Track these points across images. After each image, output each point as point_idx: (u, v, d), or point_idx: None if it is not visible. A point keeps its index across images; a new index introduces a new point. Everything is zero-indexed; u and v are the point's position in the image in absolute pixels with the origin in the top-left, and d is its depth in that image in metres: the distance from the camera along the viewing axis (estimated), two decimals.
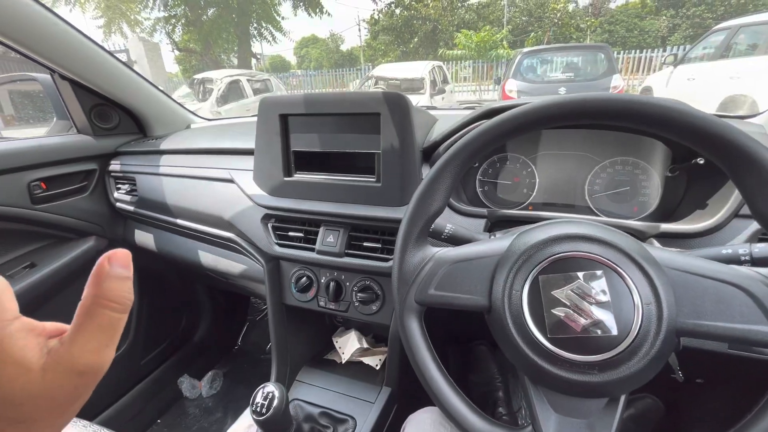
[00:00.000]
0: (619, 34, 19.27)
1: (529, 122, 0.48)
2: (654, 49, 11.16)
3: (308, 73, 17.33)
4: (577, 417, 0.46)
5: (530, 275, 0.47)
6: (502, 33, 15.48)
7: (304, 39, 33.48)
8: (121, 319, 0.26)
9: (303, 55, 32.85)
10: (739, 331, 0.40)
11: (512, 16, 21.02)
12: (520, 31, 20.30)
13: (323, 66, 25.39)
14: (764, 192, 0.39)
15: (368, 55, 24.31)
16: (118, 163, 1.27)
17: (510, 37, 16.92)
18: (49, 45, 1.01)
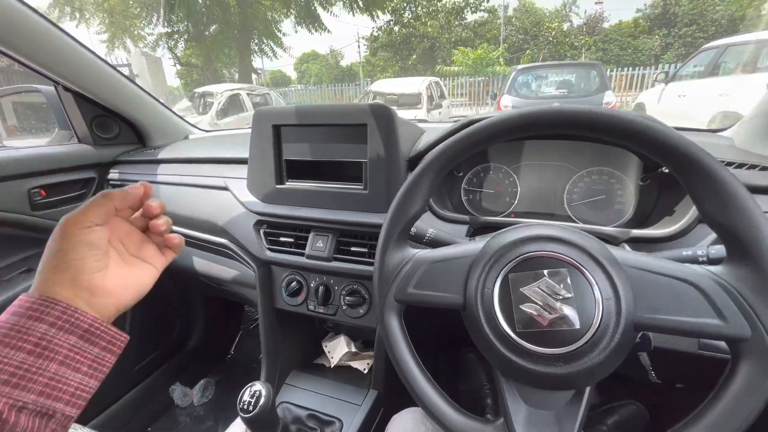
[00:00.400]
0: (613, 53, 19.71)
1: (498, 132, 0.52)
2: (647, 67, 11.41)
3: (308, 88, 17.60)
4: (546, 409, 0.48)
5: (501, 273, 0.49)
6: (499, 50, 15.82)
7: (304, 54, 34.05)
8: None
9: (303, 71, 33.36)
10: (691, 324, 0.42)
11: (508, 34, 21.51)
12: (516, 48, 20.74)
13: (323, 81, 25.77)
14: (710, 196, 0.43)
15: (367, 71, 24.72)
16: (117, 171, 1.30)
17: (506, 55, 17.27)
18: (54, 58, 1.06)
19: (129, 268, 0.43)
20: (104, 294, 0.39)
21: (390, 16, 20.62)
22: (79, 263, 0.37)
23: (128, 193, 0.43)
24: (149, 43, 16.00)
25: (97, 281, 0.38)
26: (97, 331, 0.37)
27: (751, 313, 0.40)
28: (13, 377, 0.32)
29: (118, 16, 14.80)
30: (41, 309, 0.34)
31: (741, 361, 0.41)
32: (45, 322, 0.34)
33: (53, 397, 0.34)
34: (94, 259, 0.39)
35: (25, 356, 0.33)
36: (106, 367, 0.38)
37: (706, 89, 4.72)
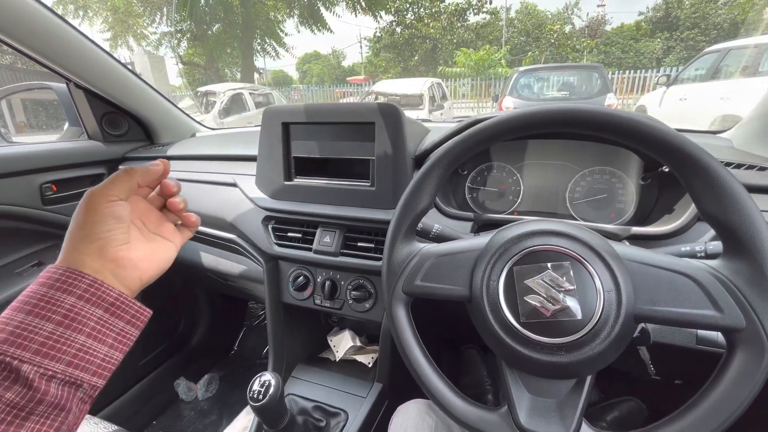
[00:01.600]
0: (615, 55, 19.73)
1: (504, 130, 0.54)
2: (649, 70, 11.41)
3: (310, 88, 17.63)
4: (548, 397, 0.50)
5: (506, 266, 0.51)
6: (501, 52, 15.85)
7: (306, 55, 34.12)
8: None
9: (305, 71, 33.42)
10: (688, 315, 0.44)
11: (510, 36, 21.52)
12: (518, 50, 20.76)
13: (325, 81, 25.80)
14: (707, 193, 0.44)
15: (369, 72, 24.75)
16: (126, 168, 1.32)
17: (508, 56, 17.29)
18: (67, 55, 1.08)
19: (150, 244, 0.45)
20: (129, 266, 0.40)
21: (393, 16, 20.69)
22: (106, 235, 0.39)
23: (149, 169, 0.44)
24: (152, 41, 16.07)
25: (122, 253, 0.40)
26: (123, 305, 0.39)
27: (745, 304, 0.42)
28: (43, 347, 0.33)
29: (121, 14, 14.84)
30: (69, 281, 0.35)
31: (735, 350, 0.42)
32: (73, 294, 0.35)
33: (81, 368, 0.35)
34: (120, 232, 0.40)
35: (54, 327, 0.34)
36: (130, 340, 0.39)
37: (708, 92, 4.73)
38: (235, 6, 15.05)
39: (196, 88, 9.70)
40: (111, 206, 0.40)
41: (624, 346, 0.48)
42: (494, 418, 0.51)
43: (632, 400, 1.11)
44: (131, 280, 0.40)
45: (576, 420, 0.47)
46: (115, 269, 0.39)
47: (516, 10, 23.10)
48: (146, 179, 0.44)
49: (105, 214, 0.39)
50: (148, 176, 0.44)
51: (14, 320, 0.33)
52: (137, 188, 0.44)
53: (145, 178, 0.44)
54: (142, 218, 0.46)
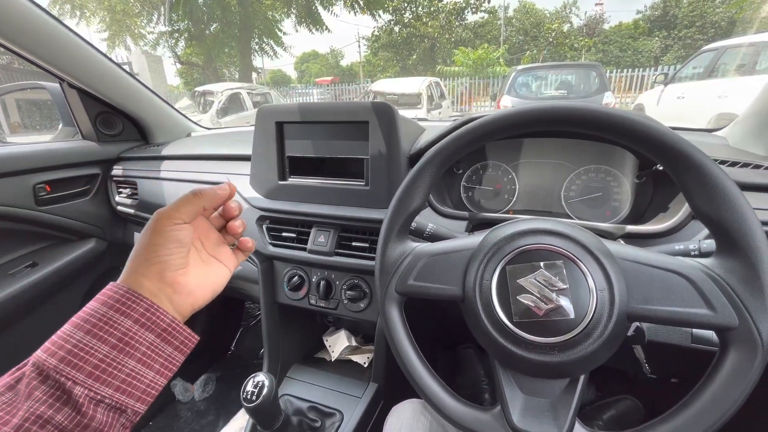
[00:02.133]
0: (613, 54, 19.76)
1: (498, 128, 0.53)
2: (646, 69, 11.42)
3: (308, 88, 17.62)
4: (542, 397, 0.50)
5: (499, 265, 0.51)
6: (499, 51, 15.85)
7: (304, 54, 34.09)
8: None
9: (303, 70, 33.39)
10: (681, 314, 0.44)
11: (508, 35, 21.54)
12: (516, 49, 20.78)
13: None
14: (700, 191, 0.44)
15: (367, 71, 24.73)
16: (121, 168, 1.32)
17: (507, 55, 17.30)
18: (61, 55, 1.08)
19: (206, 267, 0.45)
20: (184, 292, 0.40)
21: (391, 15, 20.66)
22: (167, 258, 0.39)
23: (217, 193, 0.44)
24: (150, 41, 16.02)
25: (179, 278, 0.40)
26: (174, 331, 0.38)
27: (738, 303, 0.41)
28: (96, 369, 0.33)
29: (118, 14, 14.80)
30: (128, 303, 0.36)
31: (728, 349, 0.42)
32: (130, 317, 0.35)
33: (128, 393, 0.35)
34: (179, 256, 0.40)
35: (109, 350, 0.34)
36: (175, 366, 0.39)
37: (705, 91, 4.74)
38: (232, 5, 15.02)
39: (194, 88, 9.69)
40: (175, 229, 0.40)
41: (617, 346, 0.47)
42: (487, 418, 0.51)
43: (628, 399, 1.11)
44: (184, 306, 0.41)
45: (569, 420, 0.47)
46: (171, 294, 0.39)
47: (514, 9, 23.13)
48: (213, 203, 0.45)
49: (168, 237, 0.39)
50: (215, 200, 0.45)
51: (74, 338, 0.33)
52: (202, 211, 0.44)
53: (213, 202, 0.45)
54: (201, 238, 0.46)
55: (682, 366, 0.86)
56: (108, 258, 1.37)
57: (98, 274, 1.35)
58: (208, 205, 0.44)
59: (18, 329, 1.16)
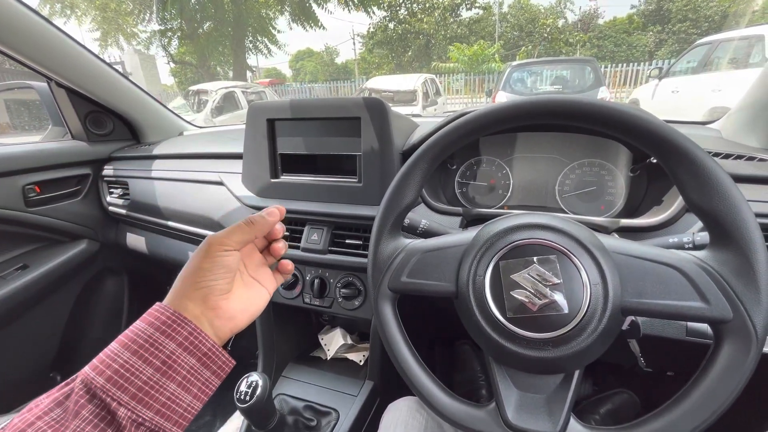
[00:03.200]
0: (608, 49, 19.79)
1: (489, 122, 0.53)
2: (641, 63, 11.43)
3: (303, 86, 17.55)
4: (536, 393, 0.49)
5: (492, 261, 0.50)
6: (494, 47, 15.83)
7: (299, 52, 33.95)
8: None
9: (298, 68, 33.25)
10: (675, 307, 0.44)
11: (503, 31, 21.53)
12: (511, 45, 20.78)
13: (318, 79, 25.69)
14: (693, 183, 0.44)
15: (363, 68, 24.66)
16: (112, 168, 1.30)
17: (502, 51, 17.29)
18: (46, 54, 1.06)
19: (248, 291, 0.45)
20: (225, 316, 0.40)
21: (385, 12, 20.59)
22: (213, 284, 0.39)
23: (269, 221, 0.45)
24: (142, 40, 15.89)
25: (222, 303, 0.40)
26: (214, 356, 0.38)
27: (732, 295, 0.41)
28: (139, 391, 0.33)
29: (110, 13, 14.66)
30: (173, 326, 0.36)
31: (723, 342, 0.42)
32: (174, 340, 0.36)
33: (166, 417, 0.35)
34: (225, 282, 0.41)
35: (153, 372, 0.34)
36: (211, 391, 0.39)
37: (699, 85, 4.76)
38: (225, 3, 14.90)
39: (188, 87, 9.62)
40: (224, 255, 0.41)
41: (611, 340, 0.47)
42: (482, 414, 0.51)
43: (625, 393, 1.12)
44: (224, 330, 0.41)
45: (564, 415, 0.47)
46: (213, 318, 0.39)
47: (509, 4, 23.07)
48: (264, 231, 0.45)
49: (217, 263, 0.40)
50: (267, 228, 0.45)
51: (121, 357, 0.34)
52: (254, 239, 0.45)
53: (264, 231, 0.45)
54: (245, 260, 0.46)
55: (678, 359, 0.86)
56: (100, 259, 1.35)
57: (91, 276, 1.34)
58: (260, 234, 0.45)
59: (10, 332, 1.15)
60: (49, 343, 1.28)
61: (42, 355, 1.27)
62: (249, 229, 0.43)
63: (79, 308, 1.32)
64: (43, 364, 1.28)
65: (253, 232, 0.44)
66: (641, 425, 0.45)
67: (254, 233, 0.44)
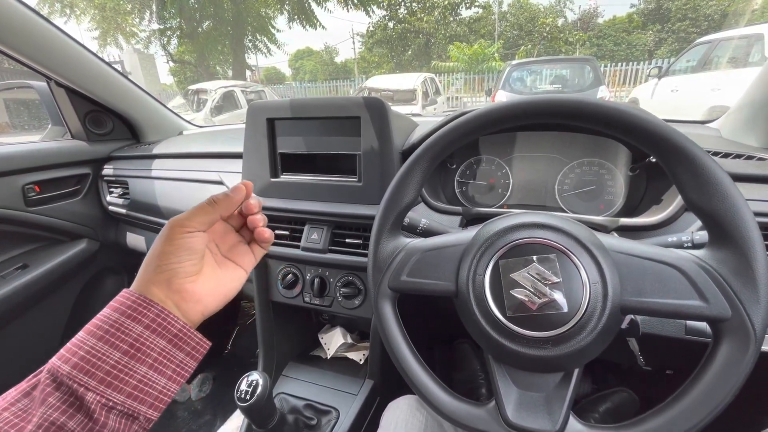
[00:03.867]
0: (608, 48, 19.77)
1: (489, 121, 0.53)
2: (641, 62, 11.42)
3: (303, 85, 17.53)
4: (536, 391, 0.49)
5: (491, 260, 0.50)
6: (494, 46, 15.81)
7: (298, 51, 33.90)
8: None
9: (298, 67, 33.20)
10: (674, 306, 0.44)
11: (503, 30, 21.51)
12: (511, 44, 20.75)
13: (317, 78, 25.66)
14: (692, 182, 0.44)
15: (362, 68, 24.64)
16: (111, 167, 1.30)
17: (502, 50, 17.28)
18: (46, 53, 1.06)
19: (220, 272, 0.44)
20: (193, 299, 0.40)
21: (385, 11, 20.56)
22: (176, 267, 0.38)
23: (234, 198, 0.44)
24: (141, 39, 15.87)
25: (188, 286, 0.39)
26: (185, 337, 0.38)
27: (731, 294, 0.41)
28: (108, 375, 0.33)
29: (109, 12, 14.62)
30: (139, 309, 0.36)
31: (721, 340, 0.42)
32: (141, 323, 0.35)
33: (139, 400, 0.34)
34: (190, 264, 0.40)
35: (120, 355, 0.34)
36: (187, 372, 0.39)
37: (699, 84, 4.76)
38: (224, 2, 14.88)
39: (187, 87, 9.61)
40: (187, 237, 0.39)
41: (611, 339, 0.47)
42: (482, 413, 0.51)
43: (624, 391, 1.12)
44: (193, 313, 0.40)
45: (563, 414, 0.47)
46: (179, 301, 0.39)
47: (508, 3, 23.04)
48: (230, 209, 0.44)
49: (179, 245, 0.39)
50: (232, 206, 0.44)
51: (87, 344, 0.33)
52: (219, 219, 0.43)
53: (229, 209, 0.44)
54: (217, 241, 0.45)
55: (677, 358, 0.86)
56: (100, 258, 1.35)
57: (91, 275, 1.34)
58: (225, 213, 0.43)
59: (10, 332, 1.15)
60: (49, 342, 1.28)
61: (42, 355, 1.26)
62: (211, 209, 0.42)
63: (79, 308, 1.32)
64: (43, 363, 1.28)
65: (217, 212, 0.42)
66: (641, 423, 0.45)
67: (218, 212, 0.42)
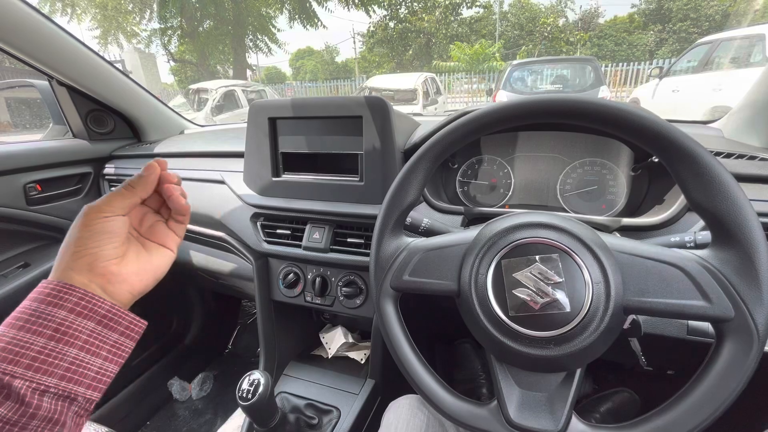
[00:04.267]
0: (608, 48, 19.74)
1: (491, 121, 0.53)
2: (641, 62, 11.41)
3: (303, 85, 17.53)
4: (538, 391, 0.50)
5: (494, 260, 0.50)
6: (495, 46, 15.79)
7: (299, 51, 33.89)
8: None
9: (298, 67, 33.19)
10: (677, 306, 0.44)
11: (504, 30, 21.48)
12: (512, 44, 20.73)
13: (318, 77, 25.65)
14: (695, 182, 0.44)
15: (363, 67, 24.63)
16: (113, 166, 1.30)
17: (503, 50, 17.26)
18: (48, 52, 1.06)
19: (145, 254, 0.44)
20: (118, 281, 0.40)
21: (386, 11, 20.54)
22: (96, 251, 0.38)
23: (148, 179, 0.44)
24: (142, 39, 15.89)
25: (112, 268, 0.39)
26: (115, 317, 0.38)
27: (734, 294, 0.41)
28: (34, 362, 0.33)
29: (110, 11, 14.63)
30: (60, 295, 0.35)
31: (725, 340, 0.42)
32: (64, 308, 0.35)
33: (74, 381, 0.35)
34: (112, 247, 0.40)
35: (45, 341, 0.34)
36: (125, 352, 0.39)
37: (700, 84, 4.75)
38: (225, 2, 14.88)
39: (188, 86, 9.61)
40: (104, 222, 0.40)
41: (613, 338, 0.47)
42: (484, 412, 0.51)
43: (625, 391, 1.12)
44: (121, 295, 0.40)
45: (566, 414, 0.47)
46: (105, 285, 0.39)
47: (509, 3, 23.01)
48: (148, 190, 0.44)
49: (98, 230, 0.39)
50: (148, 186, 0.44)
51: (5, 336, 0.33)
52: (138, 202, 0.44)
53: (147, 190, 0.44)
54: (135, 223, 0.45)
55: (679, 358, 0.86)
56: None
57: None
58: (144, 194, 0.44)
59: None
60: None
61: None
62: (130, 194, 0.42)
63: None
64: None
65: (136, 194, 0.43)
66: (643, 423, 0.45)
67: (137, 195, 0.43)
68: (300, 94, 16.12)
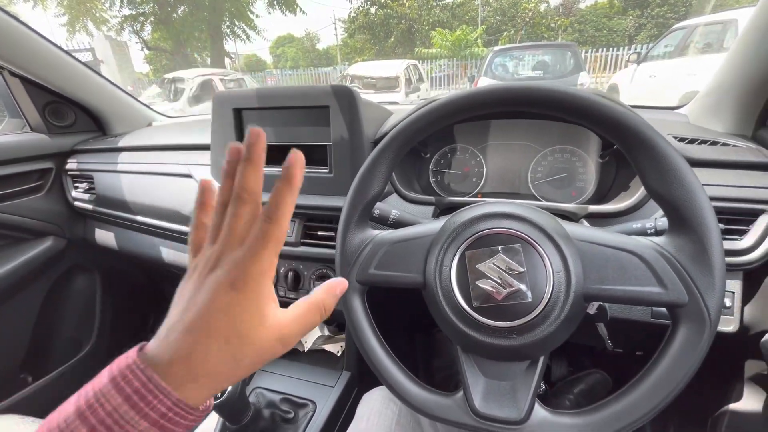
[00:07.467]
0: (589, 33, 19.88)
1: (452, 111, 0.52)
2: (621, 48, 11.53)
3: (284, 73, 17.16)
4: (503, 380, 0.50)
5: (458, 251, 0.50)
6: (477, 32, 15.70)
7: (279, 38, 33.10)
8: None
9: (279, 54, 32.46)
10: (635, 293, 0.44)
11: (486, 15, 21.37)
12: (494, 30, 20.66)
13: (300, 65, 25.15)
14: (652, 169, 0.44)
15: (345, 54, 24.24)
16: (75, 161, 1.25)
17: (485, 36, 17.18)
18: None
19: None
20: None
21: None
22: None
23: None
24: (113, 26, 15.21)
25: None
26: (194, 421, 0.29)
27: (688, 280, 0.42)
28: None
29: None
30: (147, 398, 0.27)
31: (679, 325, 0.43)
32: (148, 419, 0.27)
33: None
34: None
35: None
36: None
37: (675, 69, 4.84)
38: None
39: (163, 75, 9.29)
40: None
41: (575, 326, 0.48)
42: (450, 403, 0.51)
43: (597, 373, 1.15)
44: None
45: (528, 402, 0.47)
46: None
47: None
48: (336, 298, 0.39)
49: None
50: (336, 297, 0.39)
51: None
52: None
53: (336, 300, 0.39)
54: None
55: (645, 340, 0.88)
56: (69, 256, 1.31)
57: (59, 274, 1.29)
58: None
59: None
60: (18, 344, 1.24)
61: (11, 357, 1.23)
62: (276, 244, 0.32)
63: (48, 308, 1.28)
64: (13, 365, 1.24)
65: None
66: (602, 408, 0.45)
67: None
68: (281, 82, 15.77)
